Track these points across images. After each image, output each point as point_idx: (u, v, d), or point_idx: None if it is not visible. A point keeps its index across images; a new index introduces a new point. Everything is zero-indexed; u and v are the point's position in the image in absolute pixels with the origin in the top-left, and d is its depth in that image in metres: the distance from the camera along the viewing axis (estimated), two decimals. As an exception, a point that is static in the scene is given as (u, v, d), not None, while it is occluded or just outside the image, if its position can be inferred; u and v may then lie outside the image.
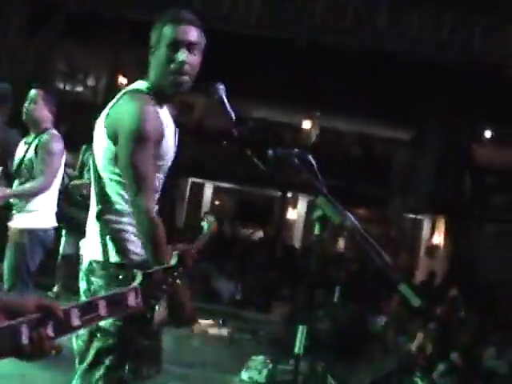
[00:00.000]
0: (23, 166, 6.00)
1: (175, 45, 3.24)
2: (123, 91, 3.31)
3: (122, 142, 3.09)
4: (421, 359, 8.44)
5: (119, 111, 3.16)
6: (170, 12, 3.32)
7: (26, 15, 17.16)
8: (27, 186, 5.92)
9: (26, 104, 6.14)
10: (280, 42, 16.78)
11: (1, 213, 6.05)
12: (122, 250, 3.13)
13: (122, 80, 25.05)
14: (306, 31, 15.70)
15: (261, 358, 7.68)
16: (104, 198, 3.18)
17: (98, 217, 3.16)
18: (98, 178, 3.20)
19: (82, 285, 3.30)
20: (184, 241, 3.33)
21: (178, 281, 2.23)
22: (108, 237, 3.13)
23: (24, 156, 6.03)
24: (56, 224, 6.16)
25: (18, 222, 5.95)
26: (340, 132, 25.51)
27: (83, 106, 21.59)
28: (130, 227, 3.14)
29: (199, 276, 12.23)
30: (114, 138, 3.13)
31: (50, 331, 1.91)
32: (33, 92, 6.16)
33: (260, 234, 24.81)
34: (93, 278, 3.18)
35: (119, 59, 23.61)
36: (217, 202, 27.23)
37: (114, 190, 3.16)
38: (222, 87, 3.18)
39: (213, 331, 9.74)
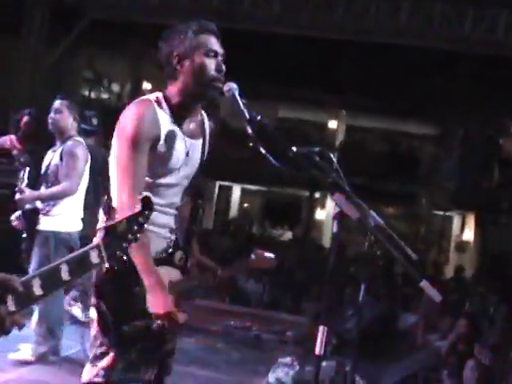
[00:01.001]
0: (49, 171, 6.16)
1: (214, 53, 3.31)
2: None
3: (116, 145, 3.21)
4: (451, 357, 8.35)
5: (120, 118, 3.25)
6: (199, 22, 3.37)
7: (49, 22, 17.27)
8: (54, 188, 6.08)
9: (51, 114, 6.30)
10: (305, 40, 16.75)
11: (29, 216, 6.18)
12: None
13: (147, 86, 25.22)
14: (329, 29, 15.62)
15: (288, 359, 7.64)
16: (107, 202, 3.24)
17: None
18: (107, 187, 3.32)
19: None
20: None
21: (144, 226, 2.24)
22: None
23: (50, 163, 6.20)
24: (80, 227, 6.28)
25: (44, 225, 6.12)
26: (365, 129, 25.44)
27: (108, 112, 21.72)
28: None
29: (228, 277, 12.21)
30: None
31: (11, 306, 1.89)
32: (57, 102, 6.36)
33: (289, 234, 24.80)
34: None
35: (143, 65, 23.74)
36: (245, 205, 27.28)
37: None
38: (234, 86, 3.18)
39: (240, 333, 9.73)
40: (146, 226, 2.24)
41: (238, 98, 3.14)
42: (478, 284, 15.06)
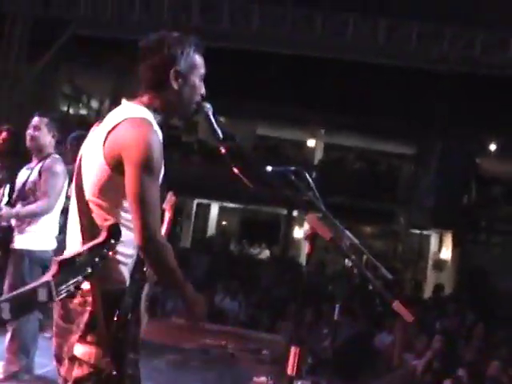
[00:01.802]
0: (26, 188, 6.11)
1: (202, 76, 3.26)
2: (121, 116, 3.11)
3: (129, 175, 2.97)
4: (427, 375, 8.35)
5: (123, 140, 3.02)
6: (196, 39, 3.27)
7: (29, 37, 17.27)
8: (32, 206, 6.01)
9: (29, 130, 6.24)
10: (284, 57, 16.84)
11: (4, 233, 6.13)
12: (106, 278, 3.05)
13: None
14: (307, 47, 15.75)
15: (263, 378, 7.60)
16: (89, 225, 3.07)
17: (84, 242, 3.07)
18: (84, 204, 3.13)
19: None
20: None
21: (109, 256, 2.15)
22: None
23: (27, 180, 6.13)
24: (55, 246, 6.20)
25: (19, 243, 6.06)
26: (344, 148, 25.55)
27: (87, 128, 21.67)
28: (117, 256, 3.07)
29: (204, 295, 12.13)
30: (115, 164, 3.02)
31: None
32: (36, 119, 6.27)
33: (266, 252, 24.78)
34: None
35: (122, 82, 23.73)
36: (223, 222, 27.24)
37: (100, 217, 3.08)
38: (208, 106, 3.17)
39: (215, 351, 9.67)
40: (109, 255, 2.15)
41: (212, 117, 3.14)
42: (455, 302, 15.10)
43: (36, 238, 6.07)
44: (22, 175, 6.28)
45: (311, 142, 24.93)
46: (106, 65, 21.43)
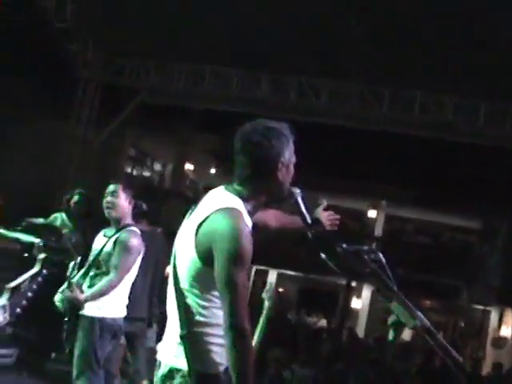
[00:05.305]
0: (100, 257, 6.11)
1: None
2: (212, 206, 3.19)
3: (220, 264, 3.05)
4: None
5: (213, 231, 3.10)
6: (288, 126, 3.32)
7: (99, 103, 17.72)
8: (99, 286, 6.00)
9: (108, 198, 6.23)
10: (346, 130, 16.93)
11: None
12: (204, 360, 3.14)
13: (189, 167, 25.53)
14: (372, 122, 15.84)
15: None
16: (185, 309, 3.18)
17: (182, 327, 3.16)
18: (179, 288, 3.21)
19: None
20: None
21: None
22: (191, 347, 3.13)
23: (102, 249, 6.13)
24: (125, 313, 6.23)
25: (89, 310, 6.03)
26: (406, 220, 25.41)
27: (150, 190, 22.05)
28: (214, 338, 3.14)
29: (271, 362, 11.99)
30: (206, 257, 3.11)
31: None
32: (113, 186, 6.27)
33: (323, 322, 24.57)
34: None
35: (185, 147, 24.12)
36: (280, 289, 27.15)
37: (194, 301, 3.15)
38: (298, 191, 3.22)
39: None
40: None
41: (301, 202, 3.19)
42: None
43: (107, 305, 6.07)
44: (99, 242, 6.27)
45: (372, 213, 24.89)
46: (171, 131, 21.82)
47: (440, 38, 13.14)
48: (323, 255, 3.04)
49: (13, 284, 2.36)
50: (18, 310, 2.53)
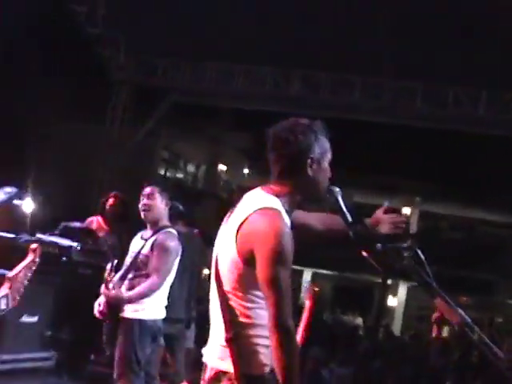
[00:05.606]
0: (138, 260, 6.09)
1: (330, 160, 3.31)
2: (251, 207, 3.17)
3: (262, 264, 3.04)
4: None
5: (253, 232, 3.09)
6: (322, 123, 3.29)
7: (133, 104, 17.86)
8: (141, 287, 5.99)
9: (144, 200, 6.16)
10: (381, 126, 16.88)
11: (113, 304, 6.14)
12: (250, 361, 3.13)
13: (222, 167, 25.58)
14: (407, 118, 15.77)
15: None
16: (229, 311, 3.17)
17: (226, 329, 3.16)
18: (222, 291, 3.20)
19: None
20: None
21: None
22: (236, 349, 3.13)
23: (140, 251, 6.11)
24: (164, 315, 6.23)
25: (129, 312, 6.03)
26: (440, 216, 25.26)
27: (184, 191, 22.09)
28: (259, 339, 3.13)
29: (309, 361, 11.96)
30: (247, 258, 3.09)
31: None
32: (149, 188, 6.19)
33: (359, 320, 24.49)
34: None
35: (218, 146, 24.13)
36: (316, 289, 27.08)
37: (238, 303, 3.14)
38: (337, 190, 3.21)
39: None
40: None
41: (341, 201, 3.18)
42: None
43: (146, 307, 6.05)
44: (136, 244, 6.24)
45: (406, 210, 24.76)
46: (203, 132, 21.86)
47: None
48: (365, 253, 3.02)
49: (12, 273, 2.53)
50: (18, 297, 2.64)
